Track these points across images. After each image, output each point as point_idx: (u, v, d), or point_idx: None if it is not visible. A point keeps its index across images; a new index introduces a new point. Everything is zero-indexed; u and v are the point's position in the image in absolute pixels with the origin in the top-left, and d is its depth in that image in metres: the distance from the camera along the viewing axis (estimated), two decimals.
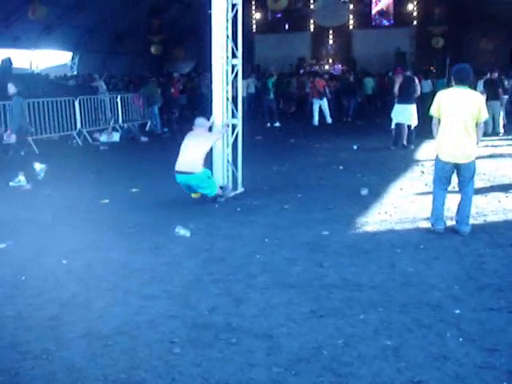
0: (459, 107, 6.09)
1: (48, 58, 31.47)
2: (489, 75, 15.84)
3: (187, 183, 7.80)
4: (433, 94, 6.68)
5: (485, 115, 6.21)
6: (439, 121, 6.30)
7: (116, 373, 3.57)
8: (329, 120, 18.35)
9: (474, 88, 15.59)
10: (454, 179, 6.49)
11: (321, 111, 18.41)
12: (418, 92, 12.98)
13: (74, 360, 3.73)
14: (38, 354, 3.80)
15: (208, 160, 8.07)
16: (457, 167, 6.27)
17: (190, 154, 7.72)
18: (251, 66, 29.36)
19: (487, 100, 14.96)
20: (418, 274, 5.21)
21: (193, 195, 8.11)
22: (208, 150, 7.93)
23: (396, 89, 12.85)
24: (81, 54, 32.29)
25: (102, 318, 4.37)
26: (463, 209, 6.36)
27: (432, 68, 29.12)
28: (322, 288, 4.91)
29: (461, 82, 6.21)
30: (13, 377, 3.53)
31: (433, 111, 6.35)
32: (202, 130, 8.08)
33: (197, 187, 7.83)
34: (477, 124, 6.19)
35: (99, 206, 7.93)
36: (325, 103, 18.34)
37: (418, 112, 12.73)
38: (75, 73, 31.44)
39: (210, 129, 8.31)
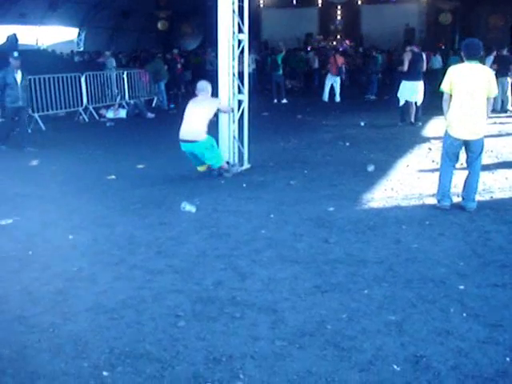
0: (470, 82, 6.04)
1: (54, 35, 31.33)
2: (495, 52, 15.66)
3: (192, 151, 7.80)
4: (443, 71, 6.61)
5: (495, 90, 6.17)
6: (450, 97, 6.25)
7: (121, 346, 3.60)
8: (337, 98, 18.12)
9: (483, 64, 15.48)
10: (462, 156, 6.45)
11: (331, 89, 18.18)
12: (424, 68, 12.82)
13: (80, 333, 3.77)
14: (45, 328, 3.84)
15: (211, 127, 7.99)
16: (466, 143, 6.23)
17: (193, 121, 7.69)
18: (258, 42, 29.18)
19: (496, 76, 14.86)
20: (423, 250, 5.21)
21: (199, 168, 8.10)
22: (211, 116, 7.86)
23: (405, 66, 12.70)
24: (87, 31, 32.14)
25: (107, 292, 4.41)
26: (470, 185, 6.33)
27: (441, 44, 28.82)
28: (326, 263, 4.92)
29: (471, 57, 6.14)
30: (20, 349, 3.58)
31: (444, 87, 6.28)
32: (205, 96, 8.00)
33: (201, 156, 7.81)
34: (487, 99, 6.15)
35: (106, 182, 7.95)
36: (338, 81, 18.11)
37: (425, 89, 12.62)
38: (82, 49, 31.34)
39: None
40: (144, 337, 3.72)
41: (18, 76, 10.25)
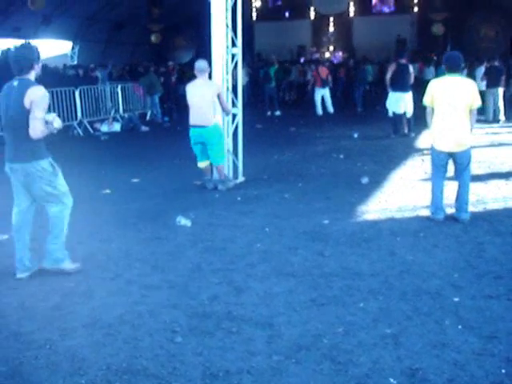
0: (452, 95, 6.13)
1: (48, 48, 31.37)
2: (485, 63, 15.83)
3: (201, 139, 7.81)
4: None
5: (478, 102, 6.25)
6: (433, 110, 6.33)
7: (118, 362, 3.61)
8: (331, 110, 18.08)
9: (474, 75, 15.61)
10: (451, 167, 6.51)
11: (323, 101, 18.17)
12: (412, 80, 12.80)
13: (77, 349, 3.77)
14: (42, 344, 3.84)
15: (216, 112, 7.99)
16: (452, 155, 6.30)
17: (201, 105, 7.66)
18: (251, 55, 29.30)
19: (488, 87, 14.98)
20: (418, 262, 5.25)
21: (199, 164, 8.07)
22: (214, 99, 7.79)
23: (388, 76, 12.76)
24: (81, 44, 32.19)
25: (104, 307, 4.42)
26: (461, 196, 6.39)
27: (433, 55, 29.01)
28: (321, 276, 4.94)
29: (452, 69, 6.25)
30: (17, 366, 3.58)
31: (426, 100, 6.38)
32: (204, 78, 7.89)
33: (210, 146, 7.85)
34: (470, 111, 6.22)
35: (101, 197, 7.97)
36: (327, 92, 18.08)
37: (417, 99, 12.68)
38: (75, 62, 31.37)
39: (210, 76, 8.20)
40: (141, 353, 3.72)
41: None
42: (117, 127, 15.46)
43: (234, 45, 8.37)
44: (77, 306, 4.43)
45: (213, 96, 7.78)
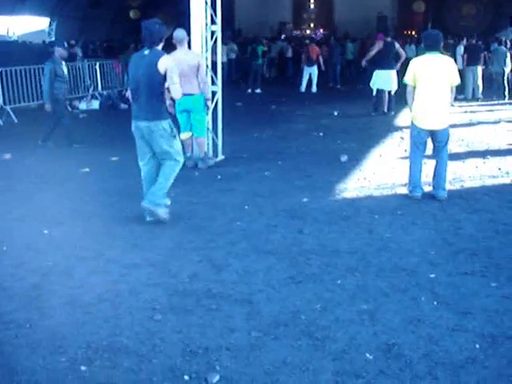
0: (433, 73, 6.19)
1: (25, 25, 30.87)
2: (465, 41, 15.89)
3: (187, 103, 7.72)
4: None
5: (457, 80, 6.35)
6: (414, 88, 6.37)
7: (98, 340, 3.63)
8: (314, 89, 18.10)
9: (454, 53, 15.66)
10: (431, 145, 6.57)
11: (309, 79, 18.15)
12: (404, 56, 12.86)
13: (56, 328, 3.78)
14: (22, 323, 3.84)
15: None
16: (432, 133, 6.36)
17: (186, 75, 7.47)
18: (232, 31, 29.07)
19: (467, 65, 15.06)
20: (395, 240, 5.32)
21: (182, 136, 8.03)
22: (198, 69, 7.70)
23: (372, 53, 12.82)
24: (58, 20, 31.69)
25: (83, 286, 4.42)
26: (439, 174, 6.46)
27: (413, 33, 29.05)
28: (300, 254, 4.99)
29: (431, 48, 6.30)
30: None
31: (407, 79, 6.42)
32: (185, 48, 7.78)
33: (194, 116, 7.88)
34: (450, 88, 6.30)
35: (80, 175, 7.92)
36: (315, 71, 18.07)
37: (398, 77, 12.74)
38: (53, 39, 30.89)
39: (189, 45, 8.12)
40: (121, 331, 3.75)
41: (64, 67, 9.89)
42: (95, 105, 15.31)
43: (213, 22, 8.31)
44: (56, 286, 4.43)
45: (197, 66, 7.70)
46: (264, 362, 3.38)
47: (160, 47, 5.54)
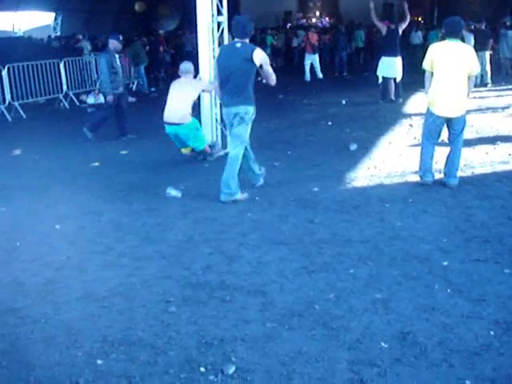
0: (452, 61, 6.11)
1: (31, 20, 30.89)
2: (473, 27, 15.76)
3: (176, 134, 7.79)
4: (423, 46, 6.67)
5: (477, 69, 6.28)
6: (432, 74, 6.31)
7: (114, 333, 3.65)
8: (320, 75, 18.11)
9: (463, 39, 15.54)
10: (443, 132, 6.53)
11: (312, 67, 18.16)
12: (408, 17, 12.70)
13: (72, 322, 3.80)
14: (37, 318, 3.87)
15: (196, 109, 8.01)
16: (449, 121, 6.31)
17: (178, 104, 7.65)
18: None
19: (476, 51, 14.94)
20: (407, 228, 5.31)
21: (183, 151, 8.10)
22: (195, 98, 7.85)
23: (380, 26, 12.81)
24: (63, 15, 31.68)
25: (97, 280, 4.45)
26: (452, 161, 6.42)
27: (420, 19, 28.86)
28: (312, 244, 4.99)
29: (452, 35, 6.21)
30: (14, 341, 3.61)
31: (425, 65, 6.34)
32: (189, 78, 7.96)
33: (186, 138, 7.83)
34: (468, 77, 6.22)
35: (90, 169, 7.94)
36: (316, 58, 18.07)
37: (404, 64, 12.67)
38: (58, 33, 30.93)
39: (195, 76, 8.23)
40: (136, 324, 3.77)
41: (118, 60, 9.89)
42: (103, 99, 15.29)
43: (219, 13, 8.28)
44: (69, 280, 4.46)
45: (194, 95, 7.80)
46: (279, 352, 3.39)
47: (247, 40, 6.08)
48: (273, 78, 6.33)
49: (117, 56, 9.86)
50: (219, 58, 6.26)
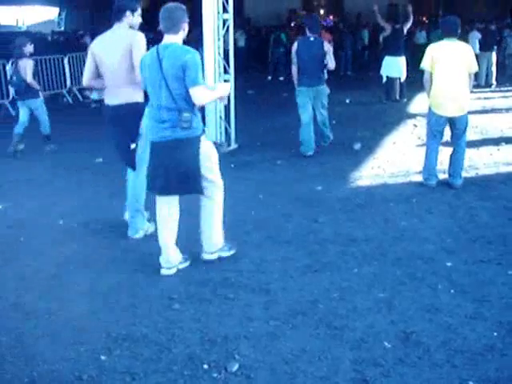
0: (450, 59, 6.13)
1: (35, 15, 30.90)
2: (478, 25, 15.73)
3: None
4: (427, 46, 6.68)
5: (475, 67, 6.28)
6: (431, 75, 6.31)
7: (118, 329, 3.66)
8: (325, 76, 17.99)
9: (467, 39, 15.52)
10: (447, 131, 6.53)
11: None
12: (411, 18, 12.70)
13: (76, 318, 3.82)
14: (41, 314, 3.88)
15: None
16: (451, 120, 6.30)
17: None
18: (240, 19, 28.92)
19: (483, 51, 14.91)
20: (411, 228, 5.31)
21: None
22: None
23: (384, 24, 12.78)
24: (67, 10, 31.67)
25: (101, 275, 4.46)
26: (456, 162, 6.41)
27: (424, 19, 28.80)
28: (316, 243, 5.00)
29: (449, 34, 6.23)
30: (18, 336, 3.62)
31: (425, 65, 6.35)
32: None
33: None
34: (468, 75, 6.24)
35: (93, 165, 7.94)
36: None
37: (408, 64, 12.64)
38: (62, 29, 30.92)
39: None
40: (140, 320, 3.78)
41: None
42: None
43: (225, 10, 8.28)
44: (74, 276, 4.47)
45: None
46: (283, 350, 3.39)
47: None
48: (334, 64, 8.38)
49: None
50: (300, 50, 8.00)
